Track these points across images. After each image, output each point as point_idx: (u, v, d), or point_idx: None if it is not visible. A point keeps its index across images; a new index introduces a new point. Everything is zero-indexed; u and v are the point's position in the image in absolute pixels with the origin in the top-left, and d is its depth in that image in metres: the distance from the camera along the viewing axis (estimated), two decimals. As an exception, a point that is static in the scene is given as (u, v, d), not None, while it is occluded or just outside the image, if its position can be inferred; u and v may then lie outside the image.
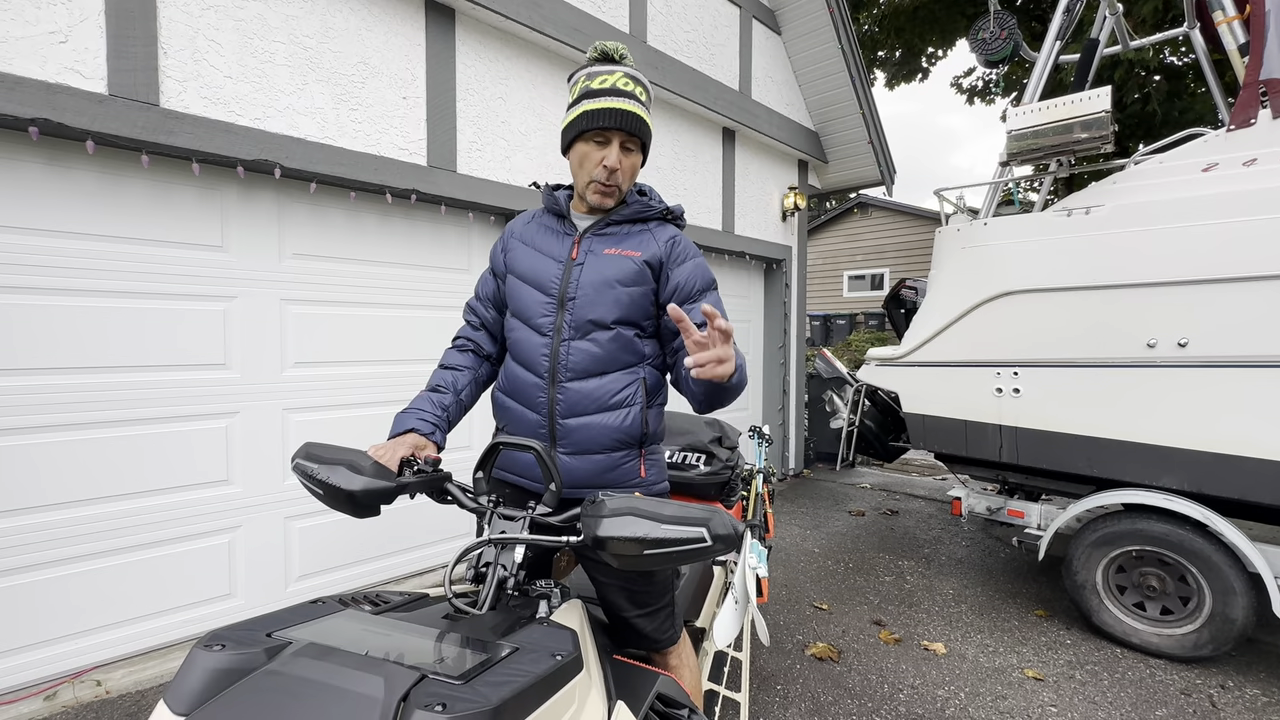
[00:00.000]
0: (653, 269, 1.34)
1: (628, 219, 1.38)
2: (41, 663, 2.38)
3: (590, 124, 1.28)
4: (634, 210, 1.38)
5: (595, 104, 1.27)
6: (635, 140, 1.32)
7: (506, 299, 1.42)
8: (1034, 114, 3.23)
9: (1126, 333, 2.89)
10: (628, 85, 1.29)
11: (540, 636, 0.87)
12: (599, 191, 1.33)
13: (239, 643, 0.75)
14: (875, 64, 13.17)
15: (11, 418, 2.29)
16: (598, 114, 1.27)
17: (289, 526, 2.98)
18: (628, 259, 1.33)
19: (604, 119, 1.27)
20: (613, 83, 1.28)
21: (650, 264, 1.34)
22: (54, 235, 2.37)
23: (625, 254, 1.33)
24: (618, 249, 1.34)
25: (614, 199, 1.35)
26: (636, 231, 1.38)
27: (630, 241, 1.36)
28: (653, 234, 1.38)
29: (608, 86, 1.28)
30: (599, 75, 1.29)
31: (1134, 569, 2.94)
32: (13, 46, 2.16)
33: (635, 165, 1.35)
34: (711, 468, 2.27)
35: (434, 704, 0.64)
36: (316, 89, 2.89)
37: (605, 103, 1.27)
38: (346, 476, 1.06)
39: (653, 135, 1.39)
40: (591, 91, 1.29)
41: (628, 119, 1.28)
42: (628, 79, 1.30)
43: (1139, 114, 9.15)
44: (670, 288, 1.34)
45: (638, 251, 1.34)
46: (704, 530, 0.91)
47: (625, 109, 1.27)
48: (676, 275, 1.35)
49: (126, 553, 2.55)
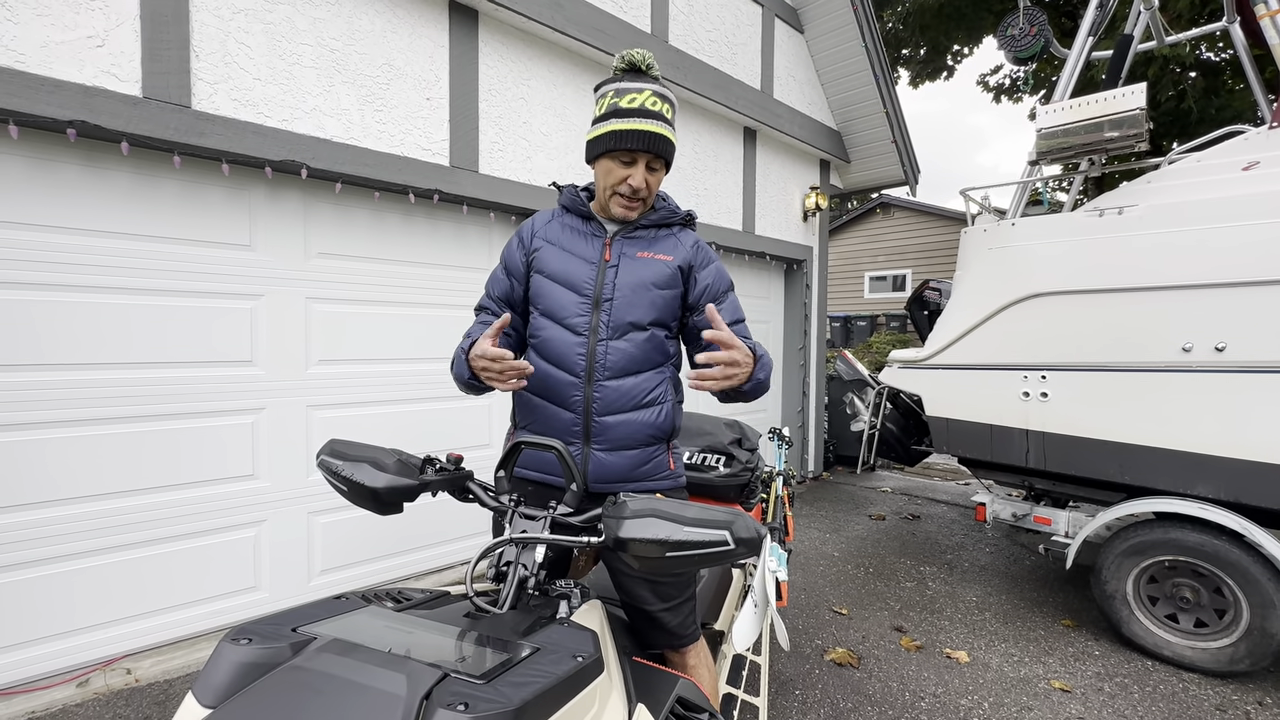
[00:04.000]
0: (684, 272, 1.40)
1: (654, 224, 1.43)
2: (74, 650, 2.45)
3: (618, 144, 1.29)
4: (660, 216, 1.43)
5: (624, 124, 1.28)
6: (660, 160, 1.34)
7: (534, 299, 1.42)
8: (1064, 112, 3.16)
9: (1160, 336, 2.80)
10: (656, 105, 1.30)
11: (561, 637, 0.87)
12: (622, 206, 1.36)
13: (265, 637, 0.75)
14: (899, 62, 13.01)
15: (48, 411, 2.36)
16: (626, 135, 1.28)
17: (312, 521, 3.03)
18: (661, 263, 1.38)
19: (632, 141, 1.28)
20: (642, 102, 1.29)
21: (682, 268, 1.40)
22: (91, 234, 2.43)
23: (659, 257, 1.38)
24: (650, 253, 1.38)
25: (637, 213, 1.39)
26: (664, 236, 1.43)
27: (660, 245, 1.41)
28: (678, 239, 1.44)
29: (636, 107, 1.28)
30: (628, 93, 1.30)
31: (1167, 579, 2.86)
32: (52, 51, 2.22)
33: (659, 181, 1.38)
34: (731, 469, 2.26)
35: (456, 703, 0.64)
36: (342, 90, 2.93)
37: (634, 124, 1.28)
38: (370, 474, 1.07)
39: (675, 142, 1.40)
40: (620, 110, 1.29)
41: (655, 141, 1.29)
42: (656, 98, 1.30)
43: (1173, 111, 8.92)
44: (699, 290, 1.40)
45: (670, 256, 1.39)
46: (727, 534, 0.90)
47: (653, 131, 1.28)
48: (704, 278, 1.41)
49: (156, 544, 2.61)
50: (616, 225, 1.42)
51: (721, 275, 1.44)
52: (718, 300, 1.40)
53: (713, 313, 1.14)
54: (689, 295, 1.41)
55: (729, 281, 1.46)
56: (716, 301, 1.39)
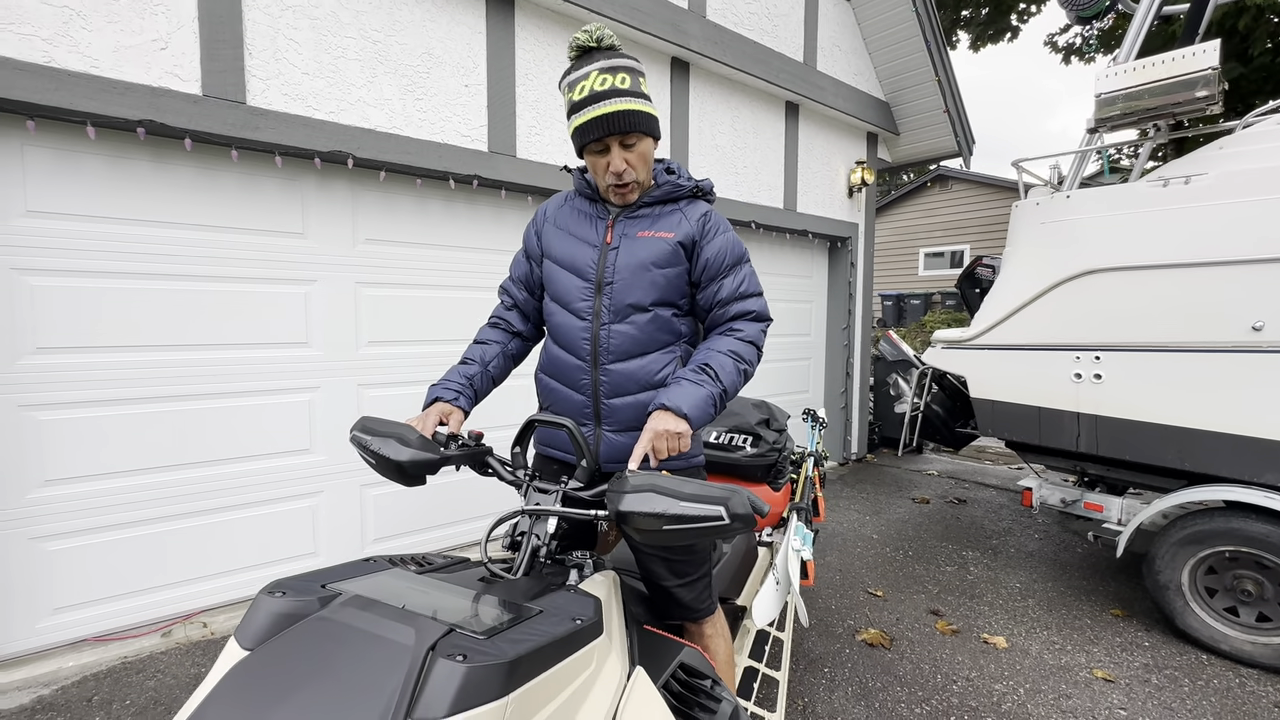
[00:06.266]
0: (685, 249, 1.36)
1: (659, 200, 1.39)
2: (160, 604, 2.71)
3: (583, 138, 1.28)
4: (664, 191, 1.39)
5: (580, 118, 1.26)
6: (634, 133, 1.28)
7: (544, 283, 1.47)
8: (1128, 75, 2.95)
9: (1228, 314, 2.63)
10: (605, 83, 1.24)
11: (565, 602, 0.93)
12: (616, 193, 1.35)
13: (298, 591, 0.84)
14: (958, 24, 12.30)
15: (128, 388, 2.59)
16: (586, 128, 1.26)
17: (364, 494, 3.23)
18: (661, 240, 1.34)
19: (593, 130, 1.25)
20: (589, 87, 1.24)
21: (684, 244, 1.35)
22: (161, 226, 2.63)
23: (659, 235, 1.35)
24: (651, 231, 1.36)
25: (635, 193, 1.36)
26: (668, 212, 1.39)
27: (662, 222, 1.37)
28: (684, 213, 1.39)
29: (586, 95, 1.25)
30: (576, 84, 1.26)
31: (1227, 571, 2.71)
32: (122, 55, 2.39)
33: (645, 152, 1.32)
34: (758, 449, 2.28)
35: (456, 654, 0.70)
36: (385, 81, 3.03)
37: (587, 114, 1.25)
38: (395, 448, 1.15)
39: (655, 112, 1.33)
40: (574, 104, 1.27)
41: (614, 121, 1.24)
42: (604, 75, 1.24)
43: (1268, 68, 8.11)
44: (701, 264, 1.37)
45: (670, 233, 1.35)
46: (722, 509, 0.94)
47: (608, 112, 1.24)
48: (707, 251, 1.36)
49: (226, 511, 2.84)
50: (620, 206, 1.40)
51: (728, 248, 1.38)
52: (721, 275, 1.36)
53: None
54: (693, 271, 1.38)
55: (739, 254, 1.40)
56: (720, 275, 1.36)
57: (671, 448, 1.17)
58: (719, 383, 1.26)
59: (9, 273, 2.35)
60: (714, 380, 1.25)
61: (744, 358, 1.32)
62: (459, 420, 1.30)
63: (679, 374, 1.28)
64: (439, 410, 1.30)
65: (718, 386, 1.25)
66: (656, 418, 1.19)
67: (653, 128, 1.31)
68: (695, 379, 1.24)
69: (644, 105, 1.28)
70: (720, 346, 1.32)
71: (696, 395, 1.22)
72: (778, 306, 5.47)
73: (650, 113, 1.30)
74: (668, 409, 1.19)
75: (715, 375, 1.26)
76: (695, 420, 1.21)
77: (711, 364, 1.27)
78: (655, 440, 1.16)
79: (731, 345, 1.32)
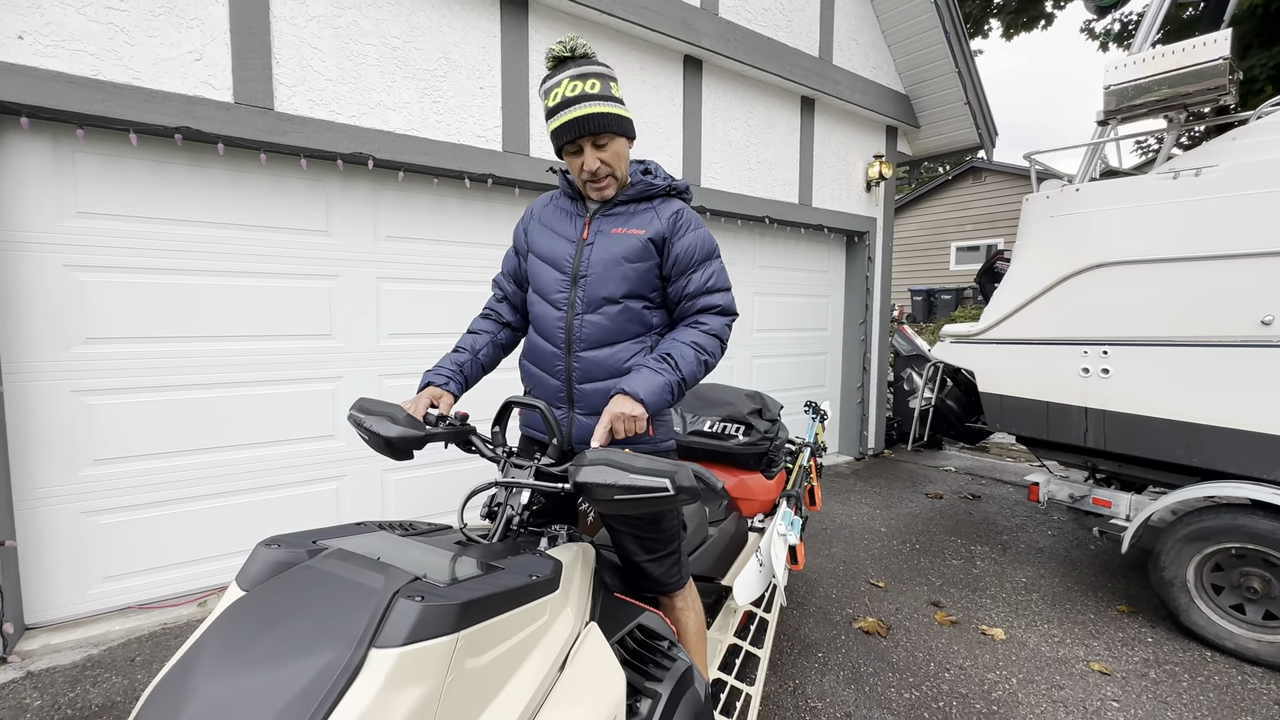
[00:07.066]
0: (656, 245, 1.44)
1: (633, 198, 1.48)
2: (195, 577, 2.93)
3: (560, 140, 1.38)
4: (638, 190, 1.48)
5: (555, 123, 1.37)
6: (605, 134, 1.37)
7: (528, 276, 1.58)
8: (1138, 65, 2.91)
9: (1237, 308, 2.59)
10: (575, 89, 1.34)
11: (526, 562, 1.04)
12: (592, 191, 1.45)
13: (290, 545, 0.97)
14: (990, 13, 12.00)
15: (167, 376, 2.80)
16: (560, 131, 1.37)
17: (385, 478, 3.40)
18: (633, 237, 1.43)
19: (566, 134, 1.36)
20: (561, 94, 1.34)
21: (654, 240, 1.44)
22: (198, 225, 2.83)
23: (631, 232, 1.44)
24: (624, 228, 1.45)
25: (612, 189, 1.45)
26: (641, 210, 1.48)
27: (636, 220, 1.46)
28: (656, 211, 1.47)
29: (559, 101, 1.35)
30: (550, 92, 1.37)
31: (1233, 568, 2.68)
32: (161, 67, 2.59)
33: (619, 151, 1.41)
34: (750, 438, 2.35)
35: (415, 596, 0.82)
36: (403, 85, 3.18)
37: (561, 119, 1.35)
38: (385, 425, 1.28)
39: (627, 113, 1.41)
40: (549, 111, 1.38)
41: (585, 124, 1.34)
42: (574, 81, 1.34)
43: (1322, 50, 7.71)
44: (671, 259, 1.45)
45: (642, 230, 1.44)
46: (668, 481, 1.03)
47: (578, 116, 1.33)
48: (677, 247, 1.45)
49: (257, 492, 3.05)
50: (598, 204, 1.49)
51: (697, 244, 1.46)
52: (690, 269, 1.44)
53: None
54: (664, 266, 1.46)
55: (708, 250, 1.47)
56: (689, 270, 1.44)
57: (629, 429, 1.27)
58: (678, 371, 1.35)
59: (62, 269, 2.57)
60: (673, 369, 1.34)
61: (706, 349, 1.40)
62: (449, 403, 1.42)
63: (641, 362, 1.37)
64: (430, 394, 1.43)
65: (676, 375, 1.34)
66: (616, 401, 1.28)
67: (624, 128, 1.41)
68: (655, 367, 1.34)
69: (613, 107, 1.38)
70: (684, 338, 1.41)
71: (654, 382, 1.31)
72: (792, 301, 5.50)
73: (620, 114, 1.39)
74: (626, 394, 1.29)
75: (675, 365, 1.35)
76: (651, 405, 1.29)
77: (673, 354, 1.36)
78: (614, 422, 1.27)
79: (694, 337, 1.41)
